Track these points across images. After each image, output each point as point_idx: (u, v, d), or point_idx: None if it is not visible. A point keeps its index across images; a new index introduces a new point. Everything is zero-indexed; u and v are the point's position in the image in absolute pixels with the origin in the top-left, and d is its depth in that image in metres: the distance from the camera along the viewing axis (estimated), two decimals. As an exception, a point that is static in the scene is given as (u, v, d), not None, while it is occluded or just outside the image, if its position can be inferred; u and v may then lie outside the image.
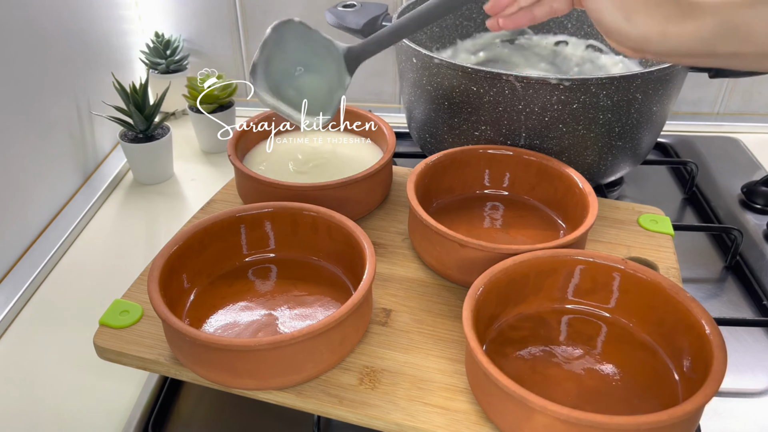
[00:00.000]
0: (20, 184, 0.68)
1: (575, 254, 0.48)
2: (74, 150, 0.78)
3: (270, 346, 0.41)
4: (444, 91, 0.64)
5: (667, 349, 0.46)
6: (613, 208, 0.62)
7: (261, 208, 0.54)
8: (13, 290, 0.63)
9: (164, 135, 0.79)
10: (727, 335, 0.44)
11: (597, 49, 0.81)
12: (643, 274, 0.47)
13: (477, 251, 0.50)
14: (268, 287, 0.52)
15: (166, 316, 0.43)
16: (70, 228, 0.72)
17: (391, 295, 0.53)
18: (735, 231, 0.66)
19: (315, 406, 0.44)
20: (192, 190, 0.80)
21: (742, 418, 0.52)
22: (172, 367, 0.46)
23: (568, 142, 0.62)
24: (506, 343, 0.47)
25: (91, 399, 0.54)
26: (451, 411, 0.43)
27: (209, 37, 0.96)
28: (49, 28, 0.72)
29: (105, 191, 0.79)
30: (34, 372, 0.56)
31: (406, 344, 0.48)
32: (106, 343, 0.47)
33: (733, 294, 0.64)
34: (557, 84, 0.58)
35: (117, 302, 0.50)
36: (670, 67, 0.60)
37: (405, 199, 0.60)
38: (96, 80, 0.82)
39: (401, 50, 0.68)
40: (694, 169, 0.78)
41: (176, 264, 0.49)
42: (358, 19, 0.74)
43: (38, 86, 0.71)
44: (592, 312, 0.49)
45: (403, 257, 0.57)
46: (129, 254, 0.70)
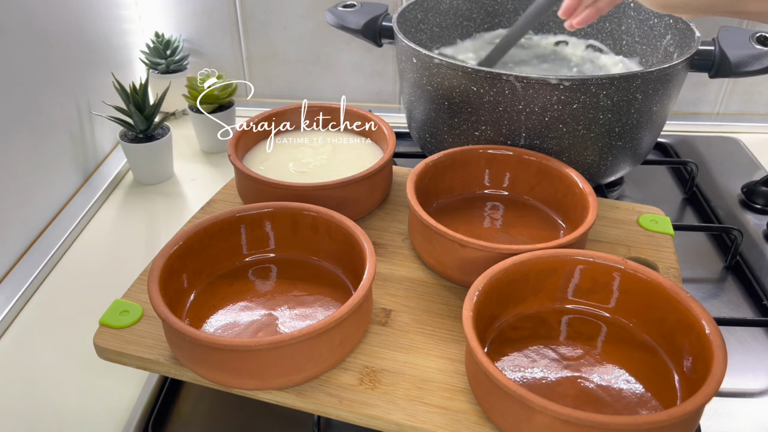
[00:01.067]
0: (20, 184, 0.68)
1: (575, 254, 0.48)
2: (74, 150, 0.78)
3: (270, 346, 0.41)
4: (444, 91, 0.64)
5: (667, 349, 0.46)
6: (613, 208, 0.62)
7: (261, 208, 0.54)
8: (13, 290, 0.63)
9: (164, 135, 0.79)
10: (727, 335, 0.44)
11: (597, 49, 0.81)
12: (643, 274, 0.47)
13: (477, 251, 0.50)
14: (268, 287, 0.52)
15: (166, 316, 0.43)
16: (70, 228, 0.72)
17: (391, 295, 0.53)
18: (735, 231, 0.66)
19: (315, 406, 0.44)
20: (192, 190, 0.80)
21: (742, 418, 0.52)
22: (172, 367, 0.46)
23: (568, 142, 0.62)
24: (506, 343, 0.47)
25: (91, 399, 0.54)
26: (451, 411, 0.43)
27: (209, 37, 0.96)
28: (49, 28, 0.72)
29: (105, 191, 0.79)
30: (34, 372, 0.56)
31: (406, 344, 0.48)
32: (106, 343, 0.47)
33: (733, 294, 0.64)
34: (557, 84, 0.58)
35: (117, 302, 0.50)
36: (670, 67, 0.60)
37: (405, 199, 0.59)
38: (96, 80, 0.82)
39: (401, 50, 0.68)
40: (694, 169, 0.78)
41: (176, 264, 0.49)
42: (358, 19, 0.74)
43: (38, 86, 0.71)
44: (592, 312, 0.49)
45: (403, 257, 0.57)
46: (129, 254, 0.70)
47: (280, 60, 0.97)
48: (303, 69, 0.98)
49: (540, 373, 0.45)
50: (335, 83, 0.99)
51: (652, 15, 0.73)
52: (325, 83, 0.99)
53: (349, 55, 0.96)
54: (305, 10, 0.92)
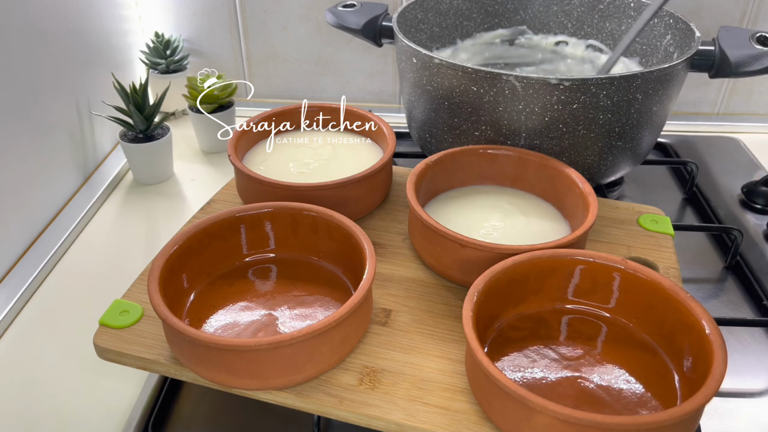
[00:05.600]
0: (20, 184, 0.68)
1: (575, 254, 0.48)
2: (74, 150, 0.78)
3: (270, 346, 0.41)
4: (444, 91, 0.64)
5: (667, 349, 0.46)
6: (613, 208, 0.62)
7: (261, 208, 0.54)
8: (13, 290, 0.63)
9: (164, 135, 0.79)
10: (727, 335, 0.44)
11: (597, 49, 0.81)
12: (643, 274, 0.47)
13: (477, 251, 0.50)
14: (268, 287, 0.52)
15: (166, 316, 0.43)
16: (70, 228, 0.72)
17: (391, 295, 0.53)
18: (735, 231, 0.66)
19: (315, 406, 0.44)
20: (192, 190, 0.80)
21: (742, 418, 0.52)
22: (172, 367, 0.46)
23: (568, 142, 0.62)
24: (506, 343, 0.47)
25: (91, 399, 0.54)
26: (451, 411, 0.43)
27: (209, 37, 0.96)
28: (49, 28, 0.72)
29: (105, 191, 0.79)
30: (34, 372, 0.56)
31: (406, 344, 0.48)
32: (106, 343, 0.47)
33: (733, 294, 0.64)
34: (557, 84, 0.58)
35: (117, 302, 0.50)
36: (670, 67, 0.60)
37: (405, 199, 0.60)
38: (96, 80, 0.82)
39: (401, 50, 0.68)
40: (694, 169, 0.78)
41: (176, 264, 0.49)
42: (358, 19, 0.74)
43: (38, 86, 0.71)
44: (592, 312, 0.49)
45: (403, 257, 0.57)
46: (129, 254, 0.70)
47: (280, 60, 0.97)
48: (303, 69, 0.98)
49: (540, 373, 0.45)
50: (335, 83, 0.99)
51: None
52: (325, 83, 0.99)
53: (349, 55, 0.96)
54: (305, 10, 0.92)
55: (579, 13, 0.81)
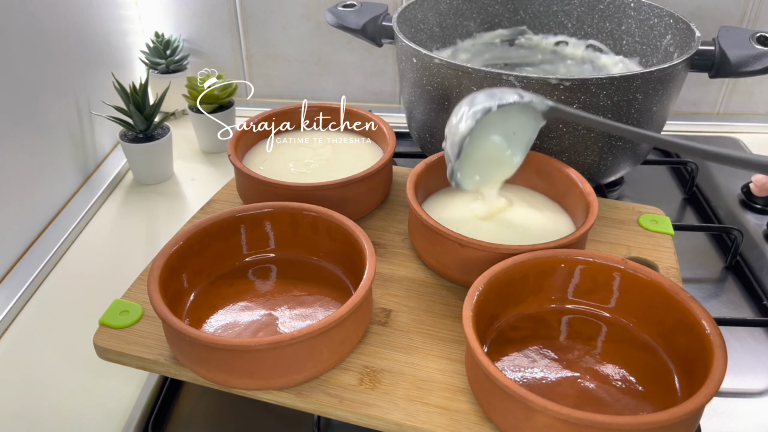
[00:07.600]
0: (20, 184, 0.68)
1: (575, 254, 0.48)
2: (74, 150, 0.78)
3: (270, 346, 0.41)
4: (444, 91, 0.64)
5: (667, 349, 0.46)
6: (613, 208, 0.62)
7: (261, 208, 0.54)
8: (13, 290, 0.63)
9: (164, 135, 0.79)
10: (727, 335, 0.44)
11: (597, 49, 0.81)
12: (643, 274, 0.47)
13: (477, 251, 0.50)
14: (268, 287, 0.52)
15: (166, 316, 0.43)
16: (70, 228, 0.72)
17: (391, 295, 0.52)
18: (735, 231, 0.66)
19: (315, 406, 0.44)
20: (192, 190, 0.80)
21: (742, 418, 0.52)
22: (172, 367, 0.46)
23: (568, 142, 0.62)
24: (506, 343, 0.47)
25: (91, 399, 0.54)
26: (451, 411, 0.43)
27: (209, 37, 0.96)
28: (49, 28, 0.72)
29: (105, 191, 0.79)
30: (34, 372, 0.56)
31: (406, 344, 0.48)
32: (106, 343, 0.47)
33: (733, 294, 0.64)
34: (557, 84, 0.58)
35: (117, 302, 0.50)
36: (670, 67, 0.60)
37: (405, 199, 0.59)
38: (96, 80, 0.82)
39: (401, 50, 0.68)
40: (694, 169, 0.78)
41: (176, 264, 0.49)
42: (358, 19, 0.74)
43: (38, 86, 0.71)
44: (592, 312, 0.49)
45: (403, 257, 0.57)
46: (129, 254, 0.70)
47: (280, 60, 0.97)
48: (303, 69, 0.98)
49: (540, 373, 0.45)
50: (335, 83, 0.99)
51: (652, 15, 0.73)
52: (325, 83, 0.99)
53: (349, 55, 0.96)
54: (305, 10, 0.92)
55: (579, 13, 0.81)
